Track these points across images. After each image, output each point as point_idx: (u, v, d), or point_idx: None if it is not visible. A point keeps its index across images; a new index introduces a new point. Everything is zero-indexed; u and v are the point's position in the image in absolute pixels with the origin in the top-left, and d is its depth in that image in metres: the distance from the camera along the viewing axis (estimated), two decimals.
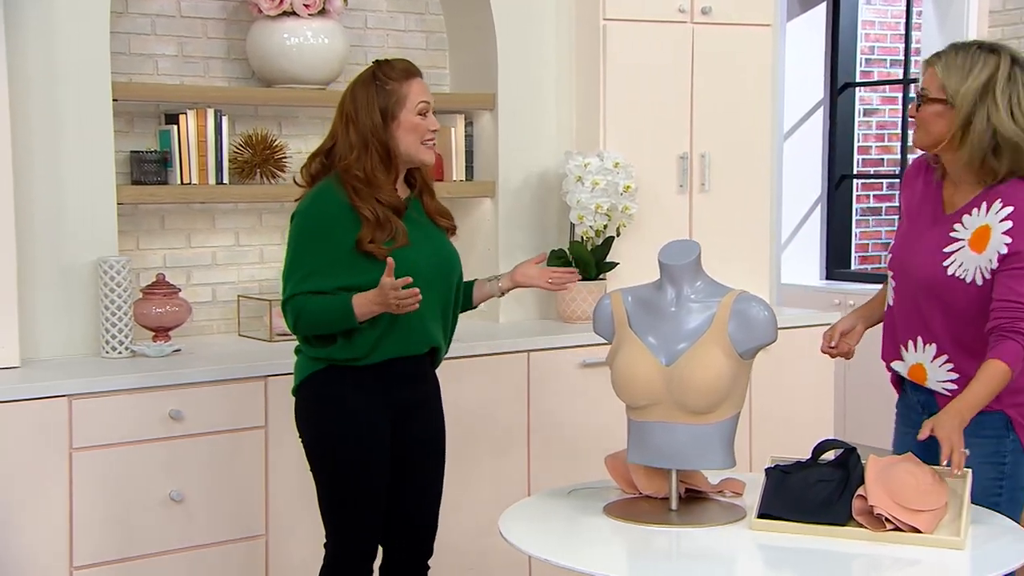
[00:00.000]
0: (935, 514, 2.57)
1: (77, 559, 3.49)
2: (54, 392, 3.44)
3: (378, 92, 3.07)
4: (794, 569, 2.55)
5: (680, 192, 4.71)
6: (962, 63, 2.80)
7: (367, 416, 3.09)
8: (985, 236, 2.79)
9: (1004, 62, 2.80)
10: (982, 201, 2.83)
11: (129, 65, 4.15)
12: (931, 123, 2.84)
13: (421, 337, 3.12)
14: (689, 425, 2.71)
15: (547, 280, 3.34)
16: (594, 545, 2.72)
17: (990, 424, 2.88)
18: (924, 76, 2.89)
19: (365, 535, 3.16)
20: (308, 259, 3.03)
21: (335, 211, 3.01)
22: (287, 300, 3.04)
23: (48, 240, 3.81)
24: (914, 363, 2.94)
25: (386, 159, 3.06)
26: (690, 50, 4.68)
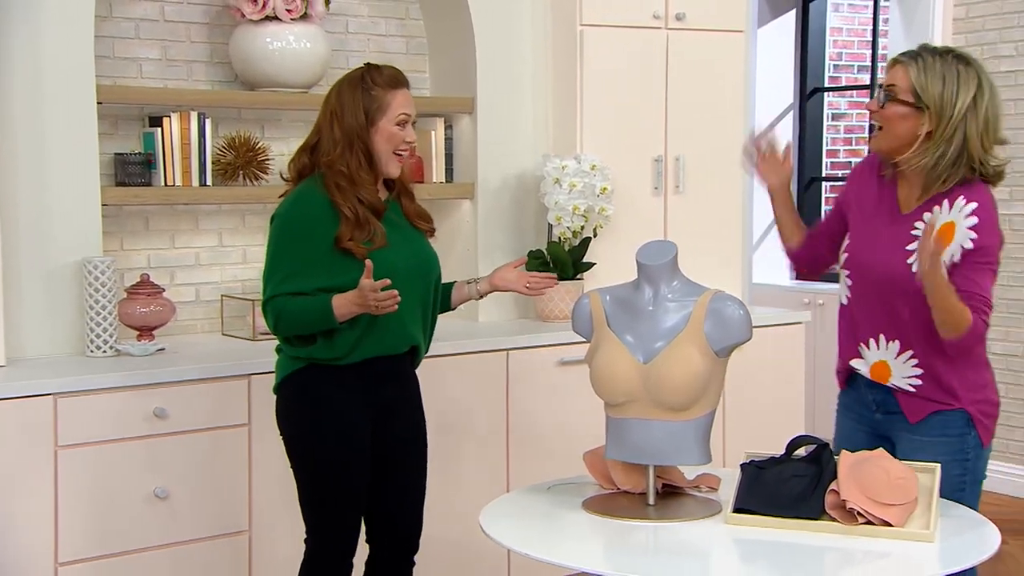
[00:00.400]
0: (905, 508, 2.57)
1: (62, 555, 3.46)
2: (39, 391, 3.42)
3: (364, 94, 3.06)
4: (769, 562, 2.55)
5: (655, 194, 4.71)
6: (942, 71, 2.78)
7: (347, 414, 3.07)
8: (949, 232, 2.77)
9: (985, 81, 2.81)
10: (942, 200, 2.83)
11: (113, 68, 4.13)
12: (896, 124, 2.83)
13: (400, 337, 3.11)
14: (666, 422, 2.71)
15: (525, 285, 3.34)
16: (573, 539, 2.72)
17: (953, 423, 2.91)
18: (891, 73, 2.85)
19: (344, 532, 3.14)
20: (288, 260, 3.01)
21: (315, 212, 3.00)
22: (267, 301, 3.02)
23: (33, 240, 3.79)
24: (876, 360, 2.93)
25: (368, 159, 3.05)
26: (664, 55, 4.69)
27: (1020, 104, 5.69)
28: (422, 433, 3.28)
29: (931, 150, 2.80)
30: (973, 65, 2.82)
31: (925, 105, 2.78)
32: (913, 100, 2.80)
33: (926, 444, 2.89)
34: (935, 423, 2.90)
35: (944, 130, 2.77)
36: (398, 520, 3.24)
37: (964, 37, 5.90)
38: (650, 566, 2.60)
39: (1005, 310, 5.76)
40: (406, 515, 3.25)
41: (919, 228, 2.81)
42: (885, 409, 2.97)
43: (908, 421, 2.92)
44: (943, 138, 2.78)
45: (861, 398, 3.03)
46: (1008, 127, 5.74)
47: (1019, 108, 5.69)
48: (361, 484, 3.12)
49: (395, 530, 3.24)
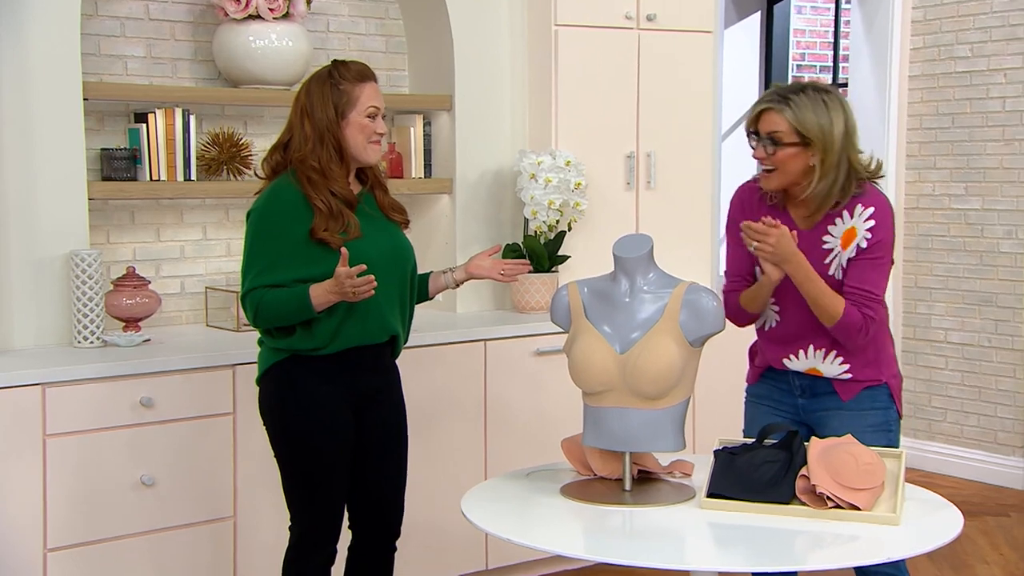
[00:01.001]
0: (873, 492, 2.58)
1: (51, 541, 3.43)
2: (28, 380, 3.38)
3: (332, 90, 3.03)
4: (742, 545, 2.55)
5: (627, 189, 4.71)
6: (812, 106, 2.87)
7: (329, 404, 3.05)
8: (851, 235, 2.91)
9: (844, 102, 2.93)
10: (842, 211, 2.94)
11: (99, 65, 4.09)
12: (789, 164, 2.90)
13: (379, 325, 3.08)
14: (642, 410, 2.71)
15: (499, 272, 3.32)
16: (551, 524, 2.71)
17: (879, 397, 3.02)
18: (766, 120, 2.90)
19: (328, 520, 3.11)
20: (264, 254, 2.98)
21: (289, 206, 2.97)
22: (246, 294, 2.99)
23: (21, 234, 3.75)
24: (807, 368, 3.03)
25: (339, 153, 3.03)
26: (636, 55, 4.68)
27: (975, 103, 5.72)
28: (403, 422, 3.25)
29: (825, 178, 2.89)
30: (831, 92, 2.93)
31: (810, 140, 2.87)
32: (798, 139, 2.88)
33: (856, 416, 2.99)
34: (864, 397, 3.01)
35: (832, 157, 2.87)
36: (380, 507, 3.22)
37: (922, 39, 5.93)
38: (626, 549, 2.60)
39: (961, 301, 5.81)
40: (388, 502, 3.23)
41: (828, 241, 2.94)
42: (812, 392, 3.05)
43: (841, 399, 3.01)
44: (832, 165, 2.88)
45: (781, 385, 3.09)
46: (962, 125, 5.87)
47: (974, 107, 5.73)
48: (343, 472, 3.10)
49: (377, 517, 3.22)
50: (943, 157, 5.84)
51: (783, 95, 2.89)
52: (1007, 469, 5.66)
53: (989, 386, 5.72)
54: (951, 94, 5.82)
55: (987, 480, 5.68)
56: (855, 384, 3.00)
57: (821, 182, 2.88)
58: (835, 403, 3.01)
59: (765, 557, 2.51)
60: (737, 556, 2.55)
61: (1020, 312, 5.61)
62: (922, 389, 5.97)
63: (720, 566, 2.56)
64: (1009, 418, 5.66)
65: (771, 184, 2.94)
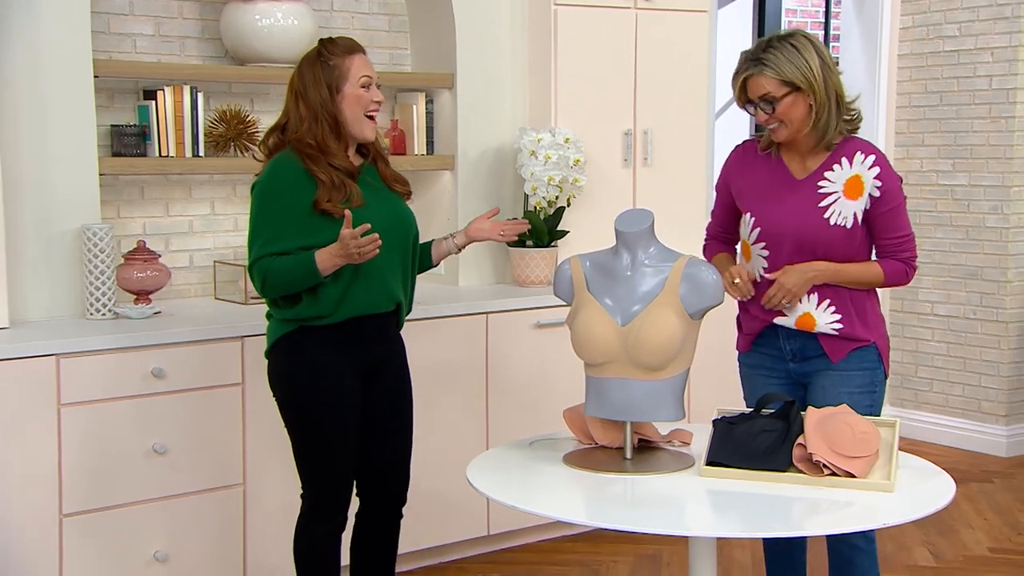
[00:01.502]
0: (868, 460, 2.58)
1: (66, 507, 3.43)
2: (42, 351, 3.37)
3: (323, 68, 3.02)
4: (740, 512, 2.54)
5: (625, 166, 4.69)
6: (786, 56, 2.91)
7: (336, 374, 3.03)
8: (858, 184, 2.95)
9: (811, 39, 2.96)
10: (840, 157, 2.98)
11: (109, 44, 4.06)
12: (792, 112, 2.94)
13: (383, 294, 3.05)
14: (643, 381, 2.70)
15: (499, 233, 3.30)
16: (554, 492, 2.70)
17: (867, 357, 3.05)
18: (754, 86, 2.94)
19: (338, 486, 3.10)
20: (269, 224, 2.96)
21: (292, 177, 2.96)
22: (253, 264, 2.96)
23: (35, 209, 3.73)
24: (801, 313, 3.03)
25: (335, 128, 3.01)
26: (634, 34, 4.65)
27: (963, 81, 5.70)
28: (408, 391, 3.24)
29: (822, 111, 2.94)
30: (795, 34, 2.97)
31: (798, 85, 2.91)
32: (789, 89, 2.91)
33: (844, 377, 3.01)
34: (853, 358, 3.03)
35: (821, 92, 2.92)
36: (386, 475, 3.21)
37: (911, 18, 5.91)
38: (628, 516, 2.59)
39: (947, 275, 5.80)
40: (394, 470, 3.22)
41: (825, 186, 2.97)
42: (803, 356, 3.07)
43: (830, 361, 3.03)
44: (824, 98, 2.93)
45: (773, 351, 3.10)
46: (950, 103, 5.84)
47: (961, 85, 5.71)
48: (352, 441, 3.08)
49: (384, 484, 3.21)
50: (931, 134, 5.83)
51: (755, 58, 2.94)
52: (990, 437, 5.67)
53: (974, 357, 5.72)
54: (939, 72, 5.79)
55: (971, 448, 5.70)
56: (845, 343, 3.02)
57: (820, 117, 2.93)
58: (824, 364, 3.04)
59: (762, 523, 2.51)
60: (735, 522, 2.56)
61: (1004, 285, 5.61)
62: (909, 360, 5.97)
63: (718, 532, 2.56)
64: (993, 388, 5.67)
65: (782, 135, 2.98)
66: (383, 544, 3.26)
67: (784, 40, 2.94)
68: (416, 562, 4.11)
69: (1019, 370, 5.65)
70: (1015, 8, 5.50)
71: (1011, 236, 5.58)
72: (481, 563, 4.22)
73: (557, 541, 4.41)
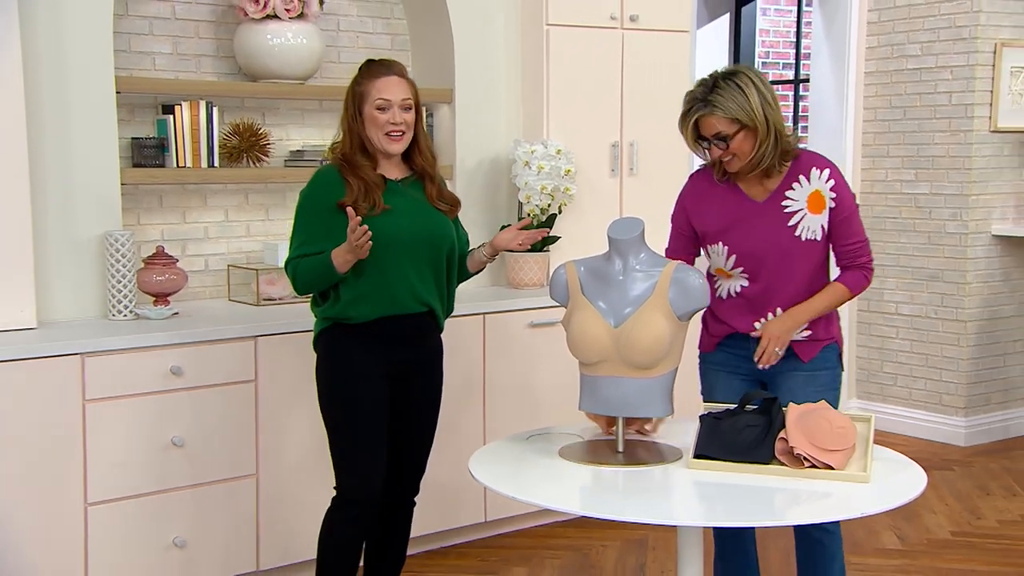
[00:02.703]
0: (845, 453, 2.56)
1: (91, 496, 3.40)
2: (69, 351, 3.34)
3: (353, 90, 3.05)
4: (725, 502, 2.52)
5: (612, 175, 4.67)
6: (731, 95, 2.85)
7: (364, 372, 3.01)
8: (819, 199, 2.93)
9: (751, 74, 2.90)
10: (798, 175, 2.95)
11: (130, 61, 4.02)
12: (744, 146, 2.89)
13: (408, 296, 3.01)
14: (634, 379, 2.68)
15: (518, 242, 3.23)
16: (550, 483, 2.67)
17: (830, 356, 3.03)
18: (706, 125, 2.88)
19: (363, 480, 3.04)
20: (304, 228, 3.01)
21: (327, 183, 3.01)
22: (286, 264, 3.04)
23: (61, 216, 3.69)
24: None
25: (361, 145, 3.03)
26: (620, 52, 4.63)
27: (924, 97, 5.70)
28: (437, 395, 3.20)
29: (762, 144, 2.88)
30: (738, 72, 2.90)
31: (746, 123, 2.86)
32: (739, 126, 2.86)
33: (810, 377, 2.98)
34: (819, 358, 3.01)
35: (762, 126, 2.87)
36: (406, 469, 3.19)
37: (877, 38, 5.90)
38: (620, 506, 2.57)
39: (911, 277, 5.79)
40: (413, 465, 3.21)
41: (789, 205, 2.93)
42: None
43: (801, 361, 2.99)
44: (764, 132, 2.87)
45: (738, 352, 3.04)
46: (913, 117, 5.84)
47: (923, 101, 5.70)
48: (381, 437, 3.04)
49: (402, 477, 3.19)
50: (895, 146, 5.82)
51: (704, 99, 2.87)
52: (951, 428, 5.67)
53: (935, 353, 5.72)
54: (903, 89, 5.79)
55: (933, 438, 5.69)
56: (814, 344, 3.00)
57: (760, 148, 2.87)
58: (792, 365, 2.99)
59: (747, 513, 2.50)
60: (721, 511, 2.54)
61: (963, 287, 5.60)
62: (875, 356, 5.97)
63: (705, 521, 2.56)
64: (953, 382, 5.67)
65: (735, 167, 2.93)
66: (397, 531, 3.24)
67: (728, 79, 2.87)
68: (420, 547, 4.08)
69: (977, 366, 5.65)
70: (972, 30, 5.50)
71: (969, 241, 5.58)
72: (479, 548, 4.20)
73: (550, 527, 4.39)
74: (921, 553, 4.18)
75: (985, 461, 5.36)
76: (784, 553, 4.07)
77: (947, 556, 4.16)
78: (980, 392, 5.68)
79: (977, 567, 4.06)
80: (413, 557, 4.03)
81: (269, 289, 4.06)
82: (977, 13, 5.47)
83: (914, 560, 4.11)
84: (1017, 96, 5.59)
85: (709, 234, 3.01)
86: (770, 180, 2.95)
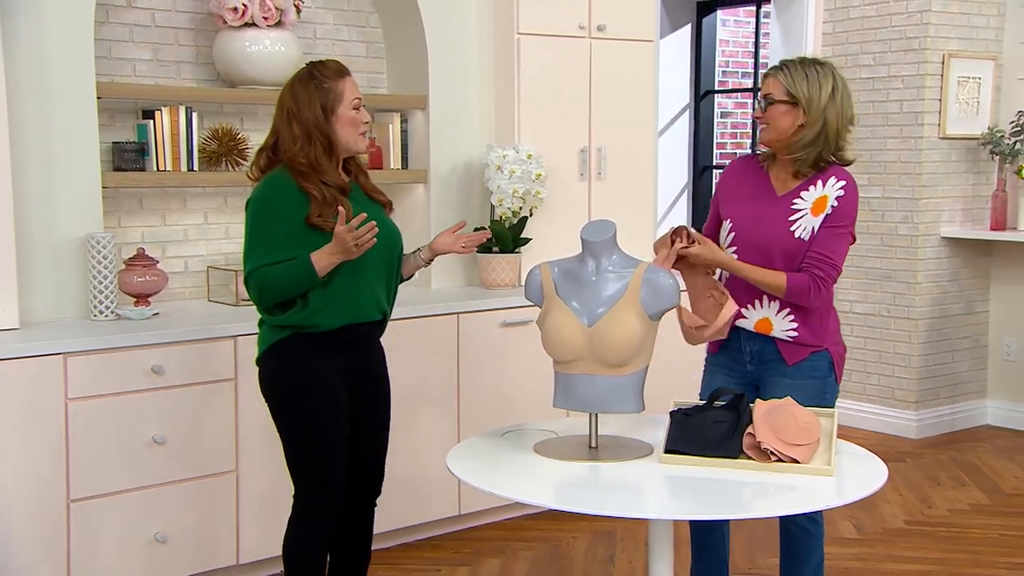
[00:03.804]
0: (810, 447, 2.55)
1: (73, 493, 3.33)
2: (51, 350, 3.27)
3: (317, 89, 2.83)
4: (695, 495, 2.51)
5: (581, 179, 4.64)
6: (804, 73, 2.88)
7: (328, 379, 2.85)
8: (823, 203, 2.88)
9: (837, 76, 2.91)
10: (816, 180, 2.92)
11: (110, 68, 3.94)
12: (779, 120, 2.89)
13: (372, 303, 2.91)
14: (607, 376, 2.65)
15: (460, 245, 3.12)
16: (524, 478, 2.63)
17: (818, 365, 2.95)
18: (765, 84, 2.94)
19: (328, 489, 2.91)
20: (265, 237, 2.78)
21: (285, 193, 2.78)
22: (249, 274, 2.79)
23: (42, 219, 3.61)
24: (760, 317, 2.96)
25: (328, 148, 2.84)
26: (588, 61, 4.61)
27: (877, 105, 5.72)
28: (388, 394, 3.08)
29: (805, 132, 2.88)
30: (827, 66, 2.92)
31: (797, 100, 2.86)
32: (788, 99, 2.88)
33: (796, 386, 2.91)
34: (806, 366, 2.95)
35: (813, 116, 2.86)
36: (366, 472, 3.05)
37: (831, 48, 5.91)
38: (592, 499, 2.55)
39: (864, 277, 5.82)
40: (373, 467, 3.07)
41: (797, 204, 2.90)
42: (760, 359, 2.99)
43: (786, 364, 2.94)
44: (811, 123, 2.86)
45: (735, 354, 3.02)
46: (866, 124, 5.86)
47: (876, 109, 5.72)
48: (342, 444, 2.91)
49: (364, 479, 3.05)
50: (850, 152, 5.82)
51: (783, 65, 2.91)
52: (903, 421, 5.70)
53: (888, 350, 5.74)
54: (856, 97, 5.74)
55: (886, 431, 5.72)
56: (800, 348, 2.93)
57: (801, 136, 2.86)
58: (780, 369, 2.94)
59: (716, 506, 2.48)
60: (691, 504, 2.52)
61: (914, 287, 5.63)
62: None
63: (675, 515, 2.53)
64: (904, 378, 5.69)
65: (765, 136, 2.93)
66: (359, 533, 3.10)
67: (814, 63, 2.89)
68: (395, 539, 4.04)
69: (927, 362, 5.68)
70: (921, 41, 5.53)
71: (920, 243, 5.61)
72: (453, 540, 4.15)
73: (521, 519, 4.36)
74: (877, 541, 4.19)
75: (935, 453, 5.38)
76: (747, 542, 4.07)
77: (901, 544, 4.17)
78: (930, 387, 5.71)
79: (929, 554, 4.07)
80: (388, 550, 3.99)
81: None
82: (926, 25, 5.50)
83: (871, 548, 4.12)
84: (964, 105, 5.62)
85: (724, 206, 3.02)
86: (796, 179, 2.93)
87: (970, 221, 5.75)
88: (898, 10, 5.60)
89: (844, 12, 5.83)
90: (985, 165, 5.76)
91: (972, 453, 5.37)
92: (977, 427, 5.84)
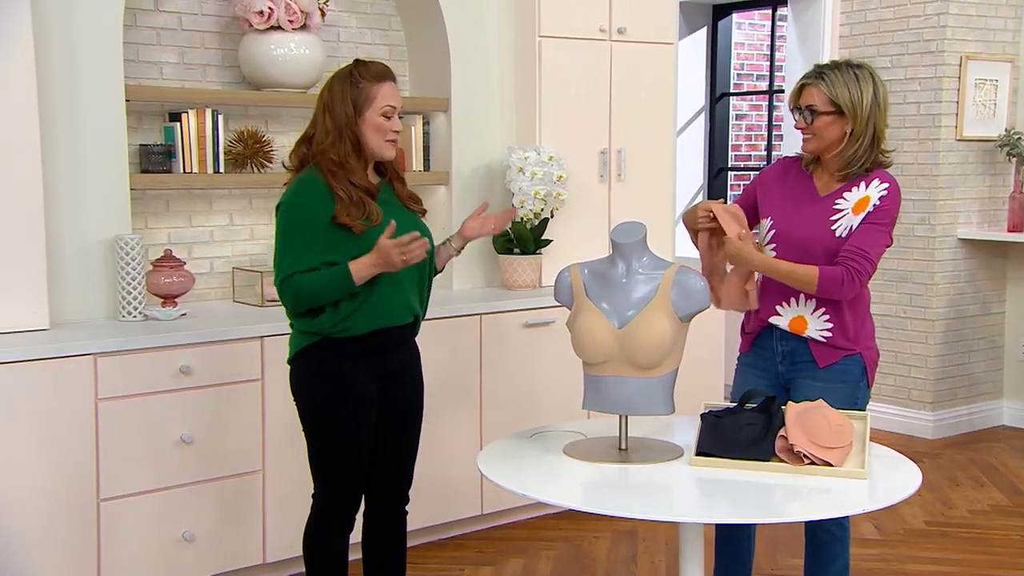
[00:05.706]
0: (843, 450, 2.51)
1: (103, 492, 3.31)
2: (81, 351, 3.24)
3: (352, 87, 2.78)
4: (726, 498, 2.47)
5: (601, 181, 4.61)
6: (844, 80, 2.81)
7: (358, 386, 2.80)
8: (865, 203, 2.83)
9: (875, 76, 2.86)
10: (860, 182, 2.86)
11: (138, 71, 3.92)
12: (826, 131, 2.84)
13: (404, 307, 2.85)
14: (637, 378, 2.61)
15: (490, 227, 3.04)
16: (555, 480, 2.60)
17: (851, 369, 2.89)
18: (805, 95, 2.86)
19: (350, 490, 2.87)
20: (297, 241, 2.72)
21: (315, 194, 2.73)
22: (284, 281, 2.72)
23: (72, 221, 3.59)
24: (795, 316, 2.91)
25: (357, 147, 2.78)
26: (609, 63, 4.57)
27: (894, 108, 5.56)
28: (421, 398, 3.02)
29: (854, 143, 2.83)
30: (864, 67, 2.87)
31: (842, 109, 2.81)
32: (833, 109, 2.82)
33: (827, 389, 2.85)
34: (836, 370, 2.89)
35: (860, 124, 2.82)
36: (395, 476, 3.00)
37: (848, 51, 5.86)
38: (623, 502, 2.51)
39: (881, 278, 5.75)
40: (402, 471, 3.01)
41: (840, 204, 2.86)
42: (792, 360, 2.93)
43: (817, 366, 2.89)
44: (860, 131, 2.82)
45: (766, 353, 2.97)
46: None
47: (893, 111, 5.43)
48: (366, 448, 2.86)
49: (392, 484, 3.00)
50: None
51: (820, 71, 2.84)
52: (919, 422, 5.65)
53: (904, 351, 5.69)
54: None
55: (902, 431, 5.67)
56: (832, 351, 2.88)
57: (851, 146, 2.82)
58: (811, 370, 2.89)
59: (747, 509, 2.44)
60: (722, 507, 2.48)
61: (931, 288, 5.58)
62: None
63: (706, 518, 2.48)
64: (921, 378, 5.64)
65: (809, 147, 2.89)
66: (393, 539, 3.04)
67: (852, 67, 2.83)
68: (420, 539, 4.01)
69: (944, 362, 5.63)
70: (939, 43, 5.47)
71: (937, 244, 5.56)
72: (476, 539, 4.12)
73: (544, 519, 4.32)
74: (898, 542, 4.14)
75: (952, 453, 5.33)
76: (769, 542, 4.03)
77: (923, 545, 4.12)
78: (947, 387, 5.66)
79: (951, 555, 4.02)
80: (412, 548, 3.95)
81: (272, 291, 3.97)
82: (944, 28, 5.45)
83: (892, 549, 4.07)
84: (981, 107, 5.57)
85: (764, 206, 2.97)
86: (840, 181, 2.87)
87: (987, 223, 5.69)
88: (915, 12, 5.54)
89: (861, 15, 5.77)
90: (1002, 167, 5.70)
91: (989, 453, 5.32)
92: (994, 427, 5.79)
